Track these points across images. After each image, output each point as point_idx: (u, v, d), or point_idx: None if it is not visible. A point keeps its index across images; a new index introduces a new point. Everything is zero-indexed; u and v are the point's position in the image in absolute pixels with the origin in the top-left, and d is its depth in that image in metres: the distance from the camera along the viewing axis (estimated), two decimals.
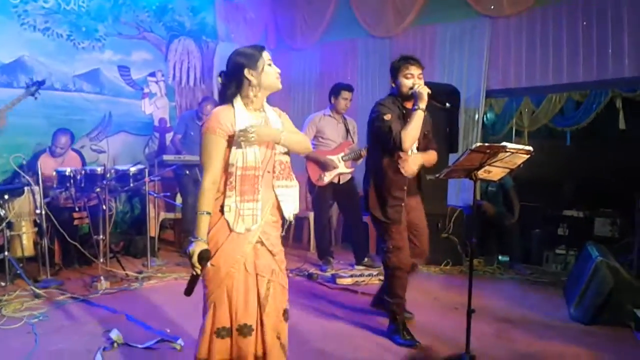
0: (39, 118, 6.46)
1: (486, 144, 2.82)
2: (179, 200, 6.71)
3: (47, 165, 5.55)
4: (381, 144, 3.62)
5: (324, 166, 5.72)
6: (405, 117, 3.57)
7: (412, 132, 3.45)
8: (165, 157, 5.98)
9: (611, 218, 6.06)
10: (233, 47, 8.28)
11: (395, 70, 3.64)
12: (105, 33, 7.01)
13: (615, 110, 5.90)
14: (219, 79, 2.66)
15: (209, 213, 2.44)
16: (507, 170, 3.08)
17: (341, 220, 7.16)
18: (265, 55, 2.57)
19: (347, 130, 5.86)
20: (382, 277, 5.39)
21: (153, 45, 7.54)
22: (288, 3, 8.49)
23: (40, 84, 3.91)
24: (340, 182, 5.82)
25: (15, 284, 4.81)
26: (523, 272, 5.82)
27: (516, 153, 2.90)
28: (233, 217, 2.46)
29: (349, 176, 5.89)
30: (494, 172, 3.05)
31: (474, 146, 2.81)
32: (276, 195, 2.61)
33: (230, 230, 2.48)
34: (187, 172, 6.24)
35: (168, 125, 7.67)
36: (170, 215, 6.73)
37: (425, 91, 3.47)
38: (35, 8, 6.44)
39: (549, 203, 6.47)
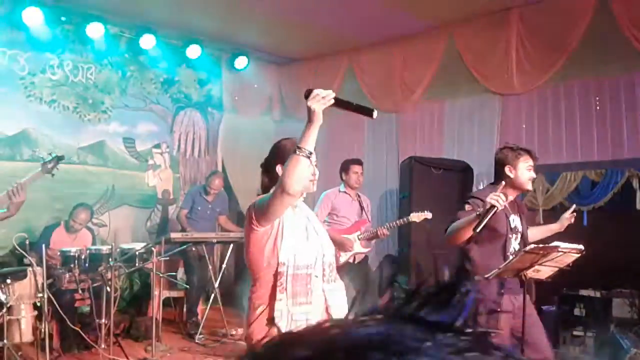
0: (39, 192, 6.25)
1: (540, 245, 2.70)
2: (180, 274, 6.48)
3: (59, 241, 5.38)
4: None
5: (341, 246, 5.53)
6: (505, 209, 3.20)
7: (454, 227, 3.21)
8: (173, 235, 5.77)
9: (629, 299, 5.89)
10: (239, 118, 8.30)
11: (515, 159, 3.34)
12: (111, 105, 6.95)
13: (632, 190, 5.84)
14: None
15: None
16: (556, 269, 2.95)
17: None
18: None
19: (362, 208, 5.72)
20: None
21: (159, 117, 7.48)
22: (294, 74, 8.52)
23: (59, 159, 3.68)
24: (355, 262, 5.63)
25: None
26: None
27: (568, 253, 2.78)
28: (285, 324, 2.24)
29: (363, 255, 5.72)
30: (543, 271, 2.92)
31: (528, 248, 2.68)
32: (326, 300, 2.41)
33: None
34: (194, 248, 6.04)
35: (171, 197, 7.50)
36: (173, 294, 6.45)
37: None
38: (42, 80, 6.38)
39: (564, 282, 6.30)
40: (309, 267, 2.33)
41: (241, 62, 7.82)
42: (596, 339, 5.77)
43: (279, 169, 2.39)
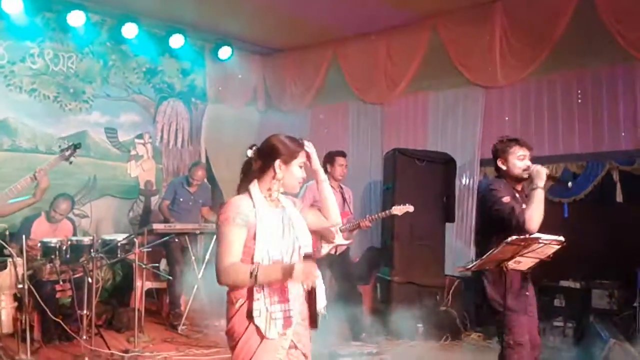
0: None
1: (521, 237, 2.73)
2: (162, 265, 6.45)
3: (40, 231, 5.31)
4: (501, 227, 3.30)
5: (323, 237, 5.53)
6: (518, 200, 3.41)
7: (536, 212, 3.21)
8: (156, 226, 5.73)
9: (609, 290, 5.97)
10: (223, 108, 8.24)
11: (503, 152, 3.50)
12: (93, 94, 6.89)
13: (612, 182, 5.90)
14: (250, 151, 2.52)
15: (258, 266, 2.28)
16: (537, 261, 2.98)
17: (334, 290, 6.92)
18: (302, 156, 2.47)
19: (344, 200, 5.73)
20: (383, 357, 5.19)
21: (141, 107, 7.42)
22: (277, 65, 8.48)
23: (76, 148, 3.63)
24: (337, 253, 5.64)
25: None
26: None
27: (549, 244, 2.81)
28: (264, 322, 2.27)
29: (345, 247, 5.73)
30: (524, 262, 2.95)
31: (509, 239, 2.72)
32: (305, 290, 2.41)
33: (262, 337, 2.27)
34: (176, 239, 6.00)
35: (154, 188, 7.45)
36: (156, 285, 6.42)
37: (543, 170, 3.30)
38: (22, 69, 6.30)
39: (544, 273, 6.36)
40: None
41: (225, 52, 7.76)
42: (576, 329, 5.85)
43: (277, 164, 2.41)
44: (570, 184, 3.77)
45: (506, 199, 3.33)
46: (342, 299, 6.13)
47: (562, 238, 2.86)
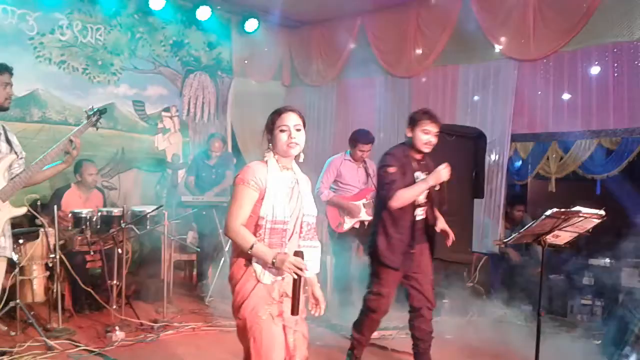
0: None
1: (562, 210, 2.67)
2: (189, 237, 6.50)
3: (71, 202, 5.37)
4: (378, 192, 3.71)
5: (348, 212, 5.53)
6: (412, 168, 3.66)
7: (407, 197, 3.54)
8: (184, 199, 5.78)
9: (639, 269, 5.87)
10: (248, 82, 8.18)
11: (414, 122, 3.69)
12: (121, 67, 6.89)
13: None
14: None
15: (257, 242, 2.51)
16: (575, 235, 2.92)
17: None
18: (282, 120, 2.61)
19: (368, 175, 5.68)
20: (408, 332, 5.16)
21: (168, 80, 7.42)
22: (304, 38, 8.38)
23: (101, 113, 3.66)
24: (364, 227, 5.62)
25: (25, 333, 4.54)
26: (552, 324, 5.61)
27: (589, 218, 2.75)
28: (260, 268, 2.54)
29: (368, 221, 5.71)
30: (563, 236, 2.90)
31: (549, 212, 2.66)
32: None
33: (257, 281, 2.52)
34: (204, 212, 6.03)
35: (181, 161, 7.48)
36: (183, 257, 6.49)
37: (445, 177, 3.54)
38: (51, 41, 6.31)
39: (573, 251, 6.27)
40: (285, 223, 2.59)
41: (251, 24, 7.69)
42: (604, 308, 5.78)
43: (264, 135, 2.69)
44: None
45: (391, 169, 3.55)
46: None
47: (602, 212, 2.79)
